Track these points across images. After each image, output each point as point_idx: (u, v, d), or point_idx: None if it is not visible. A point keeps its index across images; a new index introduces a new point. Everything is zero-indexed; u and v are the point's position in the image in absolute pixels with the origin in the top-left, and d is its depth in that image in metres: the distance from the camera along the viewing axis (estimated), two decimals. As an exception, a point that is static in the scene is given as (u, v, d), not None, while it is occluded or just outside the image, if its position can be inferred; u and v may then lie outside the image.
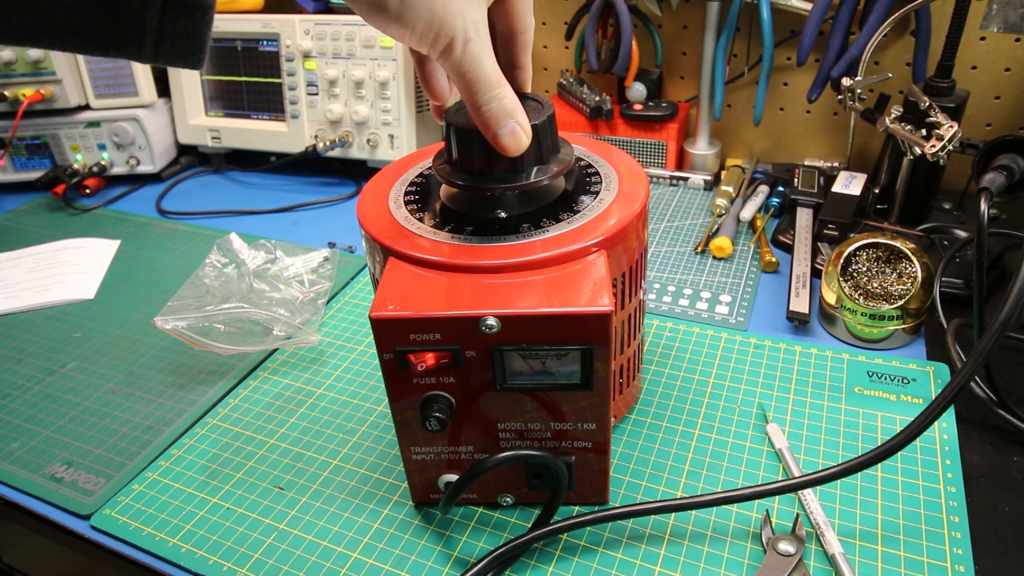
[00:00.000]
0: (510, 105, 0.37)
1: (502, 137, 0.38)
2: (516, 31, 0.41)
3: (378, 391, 0.58)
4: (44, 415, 0.58)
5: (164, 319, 0.60)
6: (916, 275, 0.56)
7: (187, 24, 0.29)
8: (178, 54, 0.30)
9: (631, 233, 0.43)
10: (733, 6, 0.77)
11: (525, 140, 0.39)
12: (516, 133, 0.38)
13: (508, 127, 0.38)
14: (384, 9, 0.33)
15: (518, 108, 0.38)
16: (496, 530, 0.46)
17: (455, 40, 0.34)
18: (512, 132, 0.38)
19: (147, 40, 0.29)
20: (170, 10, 0.28)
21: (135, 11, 0.28)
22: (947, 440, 0.49)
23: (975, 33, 0.73)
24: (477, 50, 0.35)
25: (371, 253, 0.45)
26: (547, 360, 0.39)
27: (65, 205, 0.92)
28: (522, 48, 0.42)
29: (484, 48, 0.35)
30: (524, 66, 0.43)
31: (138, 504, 0.49)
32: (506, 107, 0.37)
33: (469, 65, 0.35)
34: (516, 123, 0.38)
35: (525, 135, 0.39)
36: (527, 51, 0.43)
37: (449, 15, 0.33)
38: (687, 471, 0.49)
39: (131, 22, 0.28)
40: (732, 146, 0.91)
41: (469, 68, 0.35)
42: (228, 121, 0.94)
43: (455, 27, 0.34)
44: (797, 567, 0.41)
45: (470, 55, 0.35)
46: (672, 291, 0.67)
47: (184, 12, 0.28)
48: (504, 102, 0.37)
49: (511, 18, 0.40)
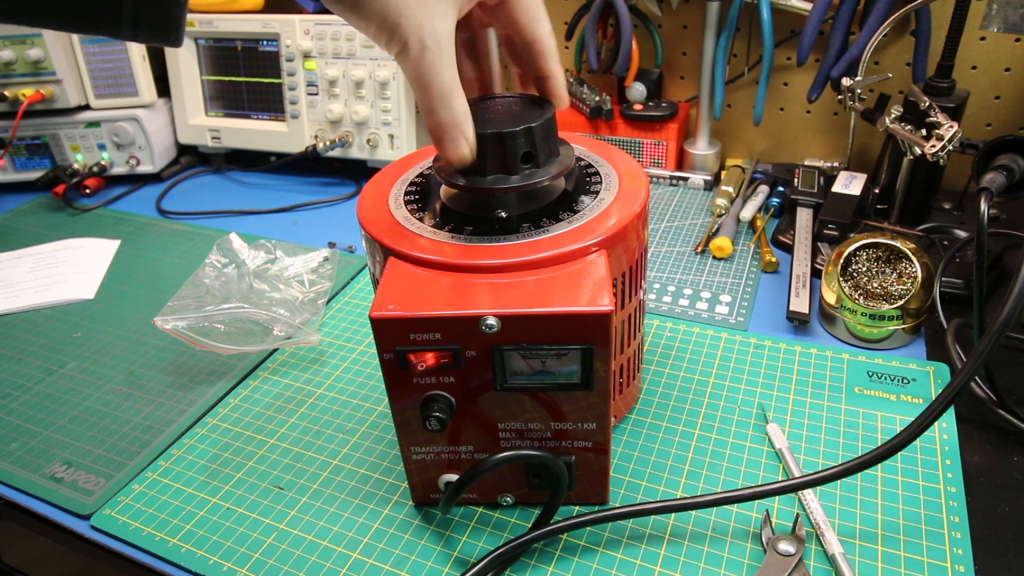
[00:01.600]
0: (459, 118, 0.38)
1: (445, 146, 0.39)
2: (526, 40, 0.41)
3: (378, 391, 0.58)
4: (44, 415, 0.58)
5: (164, 319, 0.60)
6: (916, 275, 0.56)
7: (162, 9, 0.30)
8: (155, 34, 0.31)
9: (631, 233, 0.43)
10: (733, 6, 0.77)
11: (467, 152, 0.39)
12: (458, 142, 0.38)
13: (451, 137, 0.38)
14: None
15: (467, 123, 0.38)
16: (496, 530, 0.46)
17: (408, 45, 0.35)
18: (454, 142, 0.38)
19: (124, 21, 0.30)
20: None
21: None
22: (947, 440, 0.49)
23: (975, 33, 0.73)
24: (432, 58, 0.35)
25: (371, 253, 0.45)
26: (547, 360, 0.39)
27: (65, 205, 0.92)
28: (541, 56, 0.41)
29: (441, 59, 0.36)
30: (551, 74, 0.42)
31: (138, 504, 0.49)
32: (453, 119, 0.37)
33: (423, 72, 0.36)
34: (461, 135, 0.38)
35: (468, 148, 0.39)
36: (548, 58, 0.41)
37: (403, 19, 0.34)
38: (687, 471, 0.49)
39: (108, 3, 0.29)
40: (732, 146, 0.91)
41: (423, 75, 0.36)
42: (228, 121, 0.94)
43: (408, 32, 0.34)
44: (797, 567, 0.41)
45: (425, 63, 0.35)
46: (672, 291, 0.67)
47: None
48: (453, 114, 0.37)
49: (516, 28, 0.40)
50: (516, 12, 0.39)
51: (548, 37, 0.41)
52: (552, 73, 0.42)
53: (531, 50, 0.41)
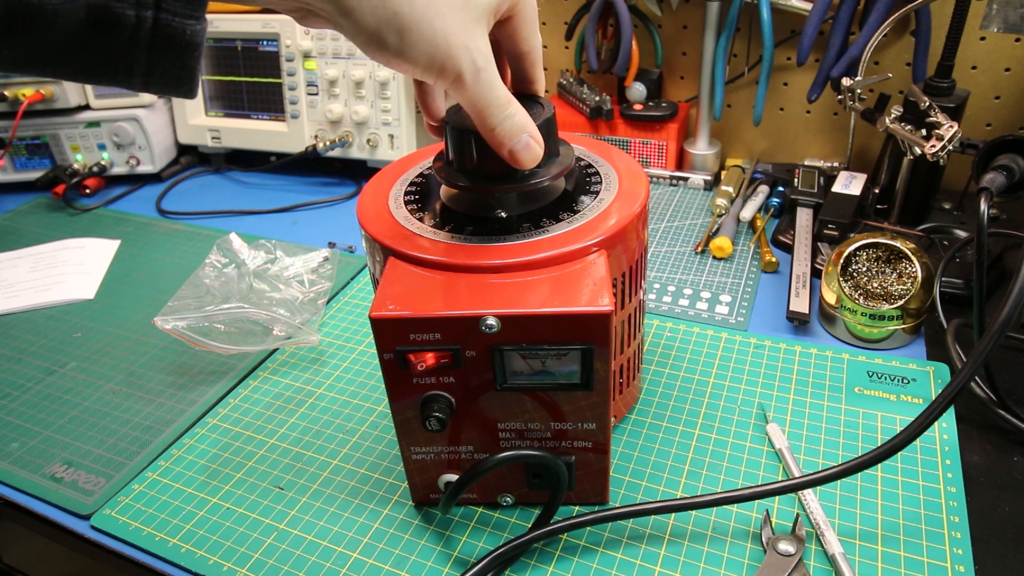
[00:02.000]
0: (522, 121, 0.38)
1: (518, 152, 0.39)
2: (523, 51, 0.42)
3: (378, 391, 0.58)
4: (44, 415, 0.58)
5: (164, 319, 0.60)
6: (916, 275, 0.56)
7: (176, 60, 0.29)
8: (167, 85, 0.30)
9: (631, 233, 0.43)
10: (733, 6, 0.77)
11: (539, 151, 0.39)
12: (531, 147, 0.39)
13: (523, 142, 0.38)
14: (383, 46, 0.33)
15: (529, 122, 0.39)
16: (496, 530, 0.46)
17: (463, 73, 0.35)
18: (527, 146, 0.39)
19: (136, 72, 0.29)
20: (158, 49, 0.29)
21: (124, 48, 0.28)
22: (947, 440, 0.49)
23: (975, 33, 0.73)
24: (487, 77, 0.36)
25: (371, 253, 0.45)
26: (547, 360, 0.39)
27: (65, 205, 0.92)
28: (532, 65, 0.43)
29: (493, 75, 0.36)
30: (536, 79, 0.44)
31: (138, 504, 0.49)
32: (519, 124, 0.38)
33: (481, 93, 0.36)
34: (529, 136, 0.39)
35: (539, 146, 0.39)
36: (538, 67, 0.43)
37: (452, 48, 0.34)
38: (687, 471, 0.49)
39: (121, 58, 0.28)
40: (732, 146, 0.91)
41: (481, 96, 0.36)
42: (228, 121, 0.94)
43: (461, 59, 0.34)
44: (797, 567, 0.41)
45: (482, 83, 0.36)
46: (672, 291, 0.67)
47: (172, 51, 0.29)
48: (516, 119, 0.38)
49: (516, 41, 0.41)
50: (521, 25, 0.40)
51: (539, 47, 0.42)
52: (539, 78, 0.44)
53: (527, 60, 0.42)
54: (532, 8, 0.40)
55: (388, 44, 0.33)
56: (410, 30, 0.33)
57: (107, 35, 0.28)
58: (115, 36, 0.28)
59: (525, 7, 0.39)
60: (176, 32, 0.28)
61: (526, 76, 0.43)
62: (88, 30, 0.27)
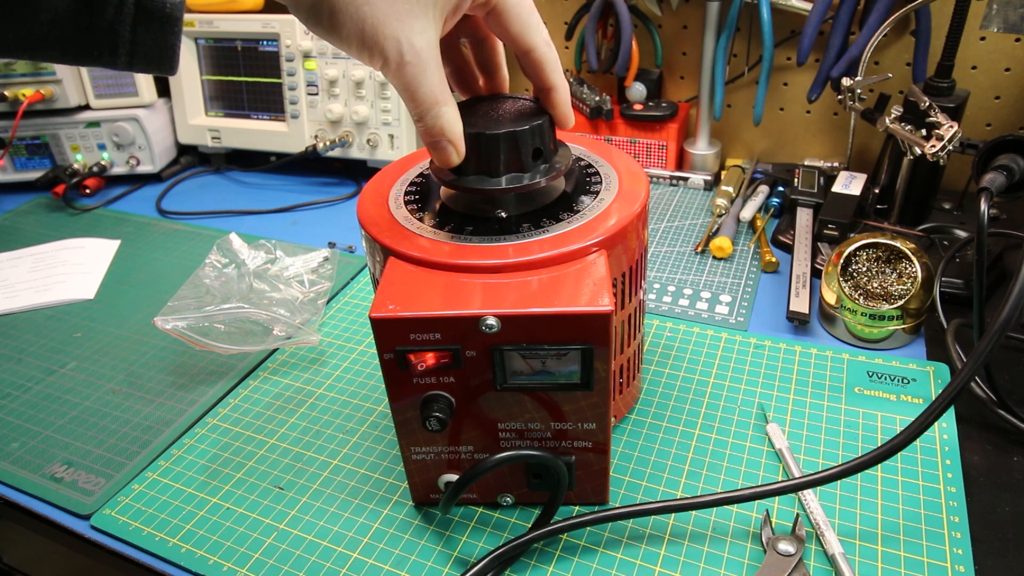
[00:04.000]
0: (444, 124, 0.38)
1: (434, 151, 0.40)
2: (522, 50, 0.40)
3: (378, 391, 0.58)
4: (44, 415, 0.58)
5: (164, 319, 0.60)
6: (916, 275, 0.56)
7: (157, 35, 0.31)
8: (150, 62, 0.32)
9: (631, 233, 0.43)
10: (733, 6, 0.77)
11: (454, 157, 0.40)
12: (446, 150, 0.39)
13: (439, 144, 0.39)
14: (319, 21, 0.35)
15: (452, 127, 0.39)
16: (496, 530, 0.46)
17: (388, 60, 0.36)
18: (443, 149, 0.39)
19: (121, 50, 0.31)
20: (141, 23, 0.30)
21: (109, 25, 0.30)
22: (947, 440, 0.49)
23: (975, 33, 0.73)
24: (413, 71, 0.36)
25: (371, 253, 0.45)
26: (547, 360, 0.39)
27: (65, 205, 0.92)
28: (540, 67, 0.41)
29: (423, 70, 0.36)
30: (553, 86, 0.41)
31: (138, 504, 0.49)
32: (440, 126, 0.38)
33: (406, 84, 0.37)
34: (448, 142, 0.39)
35: (456, 154, 0.40)
36: (546, 69, 0.41)
37: (380, 36, 0.35)
38: (687, 471, 0.49)
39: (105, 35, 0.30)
40: (732, 146, 0.91)
41: (407, 87, 0.37)
42: (228, 121, 0.94)
43: (386, 49, 0.35)
44: (797, 567, 0.41)
45: (407, 76, 0.36)
46: (672, 291, 0.67)
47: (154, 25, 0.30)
48: (441, 120, 0.38)
49: (509, 37, 0.40)
50: (505, 21, 0.39)
51: (544, 46, 0.40)
52: (553, 85, 0.41)
53: (529, 60, 0.41)
54: (517, 1, 0.39)
55: (322, 20, 0.35)
56: (339, 10, 0.34)
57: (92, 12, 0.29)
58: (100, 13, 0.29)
59: (506, 3, 0.38)
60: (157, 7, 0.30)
61: (538, 81, 0.41)
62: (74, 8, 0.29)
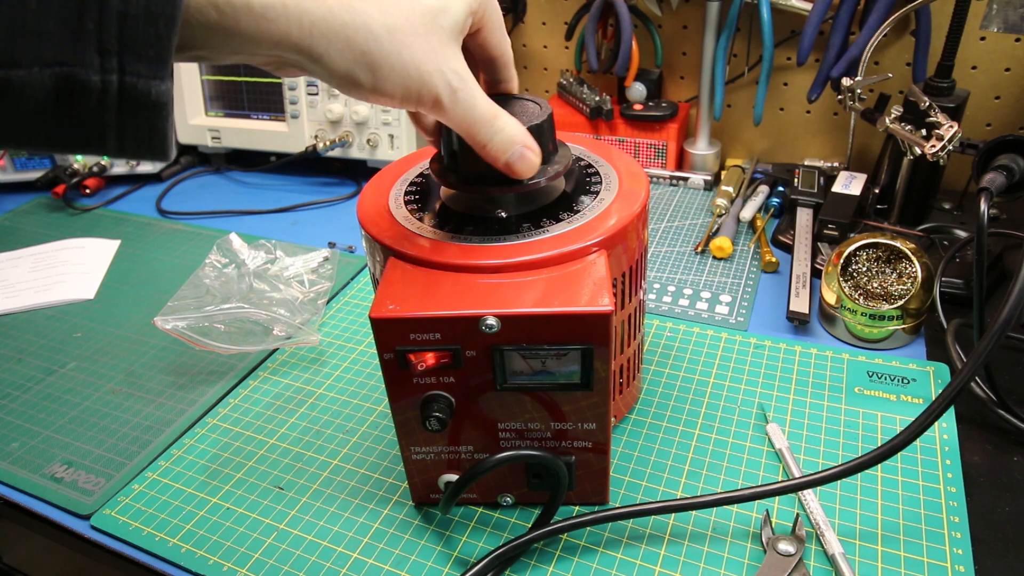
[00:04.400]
0: (513, 133, 0.38)
1: (514, 164, 0.39)
2: (494, 56, 0.42)
3: (378, 391, 0.58)
4: (44, 415, 0.58)
5: (164, 319, 0.60)
6: (916, 275, 0.56)
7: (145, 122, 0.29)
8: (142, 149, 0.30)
9: (631, 233, 0.43)
10: (733, 6, 0.77)
11: (536, 160, 0.39)
12: (526, 157, 0.39)
13: (517, 153, 0.38)
14: (358, 85, 0.34)
15: (521, 132, 0.39)
16: (496, 530, 0.46)
17: (440, 96, 0.35)
18: (522, 157, 0.39)
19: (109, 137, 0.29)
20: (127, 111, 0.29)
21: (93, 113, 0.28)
22: (947, 440, 0.49)
23: (975, 33, 0.73)
24: (466, 96, 0.36)
25: (371, 253, 0.45)
26: (547, 360, 0.39)
27: (65, 205, 0.92)
28: (504, 67, 0.43)
29: (473, 91, 0.36)
30: (509, 79, 0.44)
31: (138, 504, 0.49)
32: (509, 136, 0.38)
33: (463, 113, 0.36)
34: (523, 147, 0.39)
35: (535, 155, 0.39)
36: (509, 67, 0.43)
37: (426, 74, 0.34)
38: (687, 471, 0.49)
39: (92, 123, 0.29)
40: (732, 146, 0.91)
41: (464, 115, 0.36)
42: (228, 121, 0.94)
43: (436, 84, 0.35)
44: (797, 567, 0.41)
45: (461, 104, 0.36)
46: (672, 291, 0.67)
47: (142, 112, 0.29)
48: (506, 132, 0.38)
49: (487, 49, 0.41)
50: (490, 33, 0.40)
51: (510, 50, 0.42)
52: (512, 77, 0.44)
53: (499, 63, 0.42)
54: (498, 15, 0.40)
55: (363, 83, 0.33)
56: (380, 66, 0.33)
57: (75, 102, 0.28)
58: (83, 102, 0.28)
59: (492, 17, 0.39)
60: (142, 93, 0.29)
61: (499, 77, 0.43)
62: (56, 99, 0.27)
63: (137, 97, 0.29)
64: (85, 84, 0.27)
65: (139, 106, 0.29)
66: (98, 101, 0.28)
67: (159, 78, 0.29)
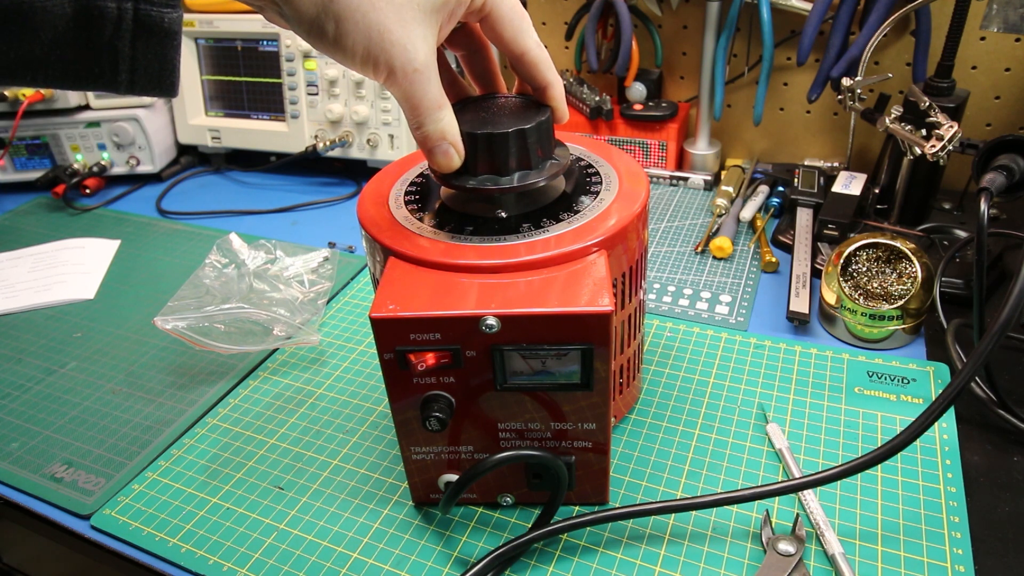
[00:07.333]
0: (445, 128, 0.39)
1: (435, 156, 0.40)
2: (515, 53, 0.41)
3: (378, 391, 0.58)
4: (44, 415, 0.58)
5: (164, 319, 0.60)
6: (916, 275, 0.56)
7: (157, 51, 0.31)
8: (151, 80, 0.31)
9: (631, 233, 0.43)
10: (733, 6, 0.77)
11: (456, 160, 0.40)
12: (449, 154, 0.40)
13: (441, 148, 0.39)
14: (322, 34, 0.34)
15: (452, 130, 0.39)
16: (496, 530, 0.46)
17: (395, 69, 0.36)
18: (445, 153, 0.40)
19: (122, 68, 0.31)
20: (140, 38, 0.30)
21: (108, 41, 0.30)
22: (947, 440, 0.49)
23: (975, 33, 0.73)
24: (421, 79, 0.36)
25: (371, 253, 0.45)
26: (547, 360, 0.39)
27: (65, 205, 0.92)
28: (534, 67, 0.41)
29: (428, 76, 0.37)
30: (548, 83, 0.42)
31: (138, 504, 0.49)
32: (441, 130, 0.39)
33: (411, 93, 0.37)
34: (449, 144, 0.39)
35: (458, 156, 0.40)
36: (541, 68, 0.41)
37: (388, 43, 0.35)
38: (687, 471, 0.49)
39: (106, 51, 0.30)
40: (732, 146, 0.91)
41: (411, 95, 0.37)
42: (228, 121, 0.94)
43: (394, 56, 0.35)
44: (797, 567, 0.41)
45: (414, 83, 0.36)
46: (672, 291, 0.67)
47: (154, 40, 0.30)
48: (441, 125, 0.39)
49: (502, 42, 0.40)
50: (499, 27, 0.40)
51: (537, 48, 0.41)
52: (550, 82, 0.42)
53: (523, 62, 0.41)
54: (510, 7, 0.39)
55: (326, 32, 0.34)
56: (345, 19, 0.34)
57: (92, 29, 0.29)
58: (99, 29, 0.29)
59: (499, 6, 0.39)
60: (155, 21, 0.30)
61: (533, 81, 0.42)
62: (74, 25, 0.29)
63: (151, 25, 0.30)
64: (102, 11, 0.29)
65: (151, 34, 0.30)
66: (113, 29, 0.29)
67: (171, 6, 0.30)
